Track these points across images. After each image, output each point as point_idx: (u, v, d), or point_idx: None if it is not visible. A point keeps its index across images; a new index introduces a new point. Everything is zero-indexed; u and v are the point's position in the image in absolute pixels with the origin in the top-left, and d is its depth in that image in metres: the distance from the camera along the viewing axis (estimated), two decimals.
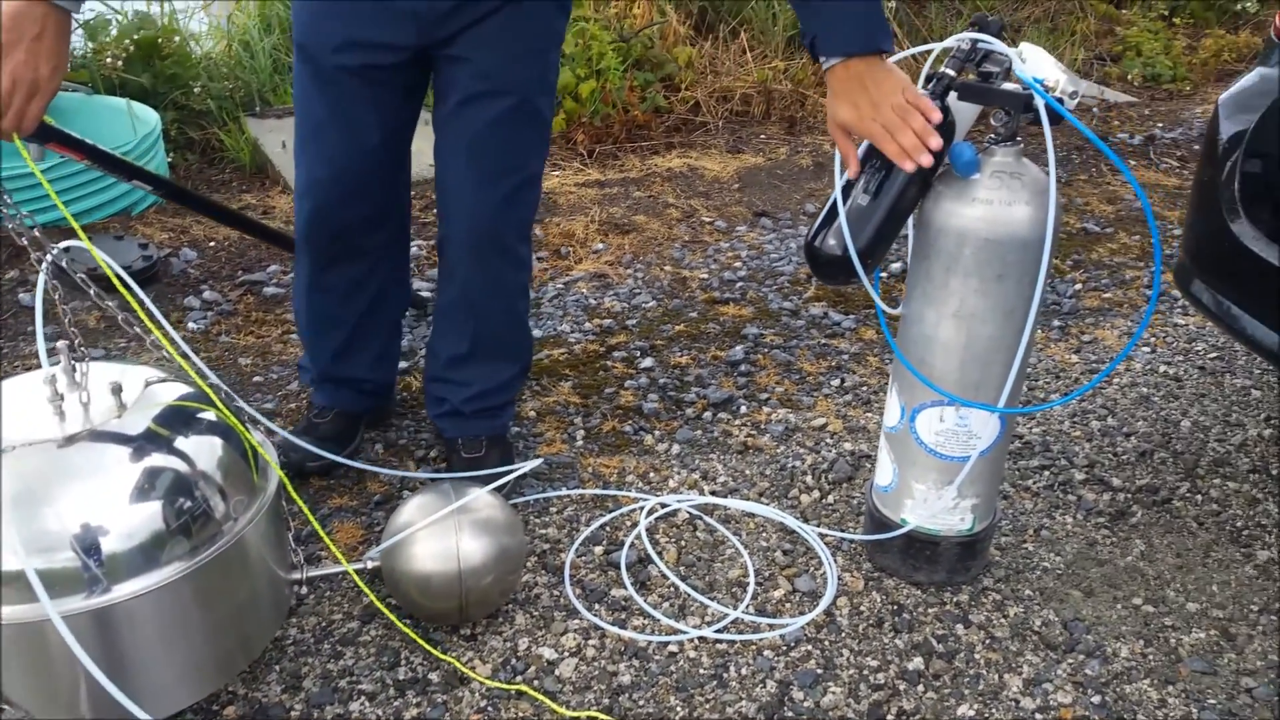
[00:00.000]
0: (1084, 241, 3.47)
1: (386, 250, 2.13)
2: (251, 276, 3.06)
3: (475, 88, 1.87)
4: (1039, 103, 1.49)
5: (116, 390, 1.53)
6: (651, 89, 4.28)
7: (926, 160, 1.53)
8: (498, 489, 1.82)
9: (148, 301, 1.62)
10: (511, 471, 1.90)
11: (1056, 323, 2.95)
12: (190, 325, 2.81)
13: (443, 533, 1.71)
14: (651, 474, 2.27)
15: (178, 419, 1.60)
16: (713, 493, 2.20)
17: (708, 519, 2.12)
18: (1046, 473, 2.29)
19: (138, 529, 1.46)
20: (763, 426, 2.44)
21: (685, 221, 3.55)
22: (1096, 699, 1.72)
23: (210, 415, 1.63)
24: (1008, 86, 1.54)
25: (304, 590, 1.88)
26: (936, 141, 1.54)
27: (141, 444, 1.53)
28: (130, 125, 3.44)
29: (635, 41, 4.29)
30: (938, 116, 1.54)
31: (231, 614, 1.59)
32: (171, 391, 1.63)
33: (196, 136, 3.88)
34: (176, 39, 4.04)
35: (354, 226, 2.02)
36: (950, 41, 1.59)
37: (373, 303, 2.15)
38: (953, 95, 1.59)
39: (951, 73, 1.57)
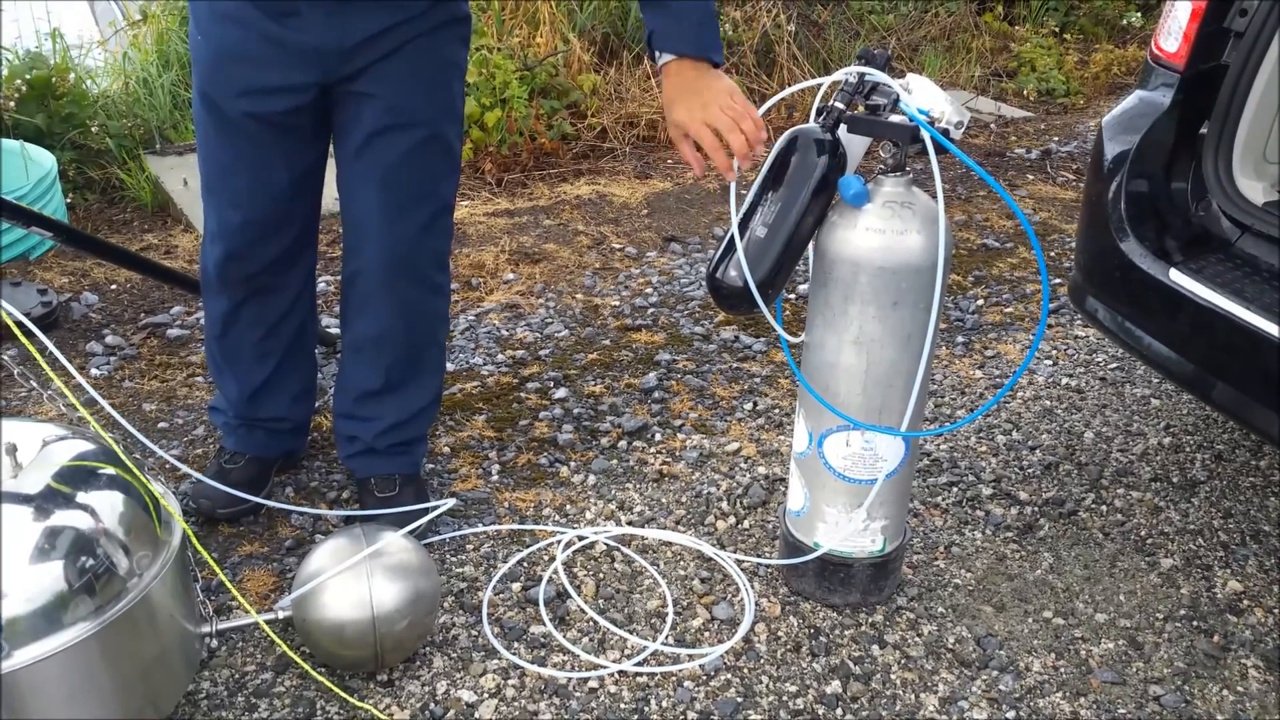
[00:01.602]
0: (984, 257, 3.56)
1: (303, 285, 2.12)
2: (155, 319, 2.98)
3: (383, 122, 1.87)
4: (925, 135, 1.53)
5: (11, 451, 1.50)
6: (558, 117, 4.29)
7: (745, 163, 1.64)
8: (411, 530, 1.80)
9: (54, 349, 1.57)
10: (426, 513, 1.88)
11: (960, 339, 3.02)
12: (93, 371, 2.74)
13: (354, 579, 1.68)
14: (568, 506, 2.26)
15: (76, 476, 1.55)
16: (629, 522, 2.21)
17: (625, 549, 2.12)
18: (955, 489, 2.34)
19: (38, 591, 1.42)
20: (678, 453, 2.46)
21: (595, 249, 3.56)
22: (1011, 714, 1.76)
23: (110, 469, 1.59)
24: (895, 118, 1.58)
25: (214, 643, 1.84)
26: (760, 143, 1.63)
27: (39, 503, 1.48)
28: (24, 168, 3.33)
29: (539, 70, 4.30)
30: (757, 117, 1.63)
31: (140, 672, 1.55)
32: (70, 448, 1.59)
33: (96, 176, 3.79)
34: (72, 77, 3.94)
35: (269, 267, 2.01)
36: (839, 75, 1.63)
37: (292, 338, 2.15)
38: (843, 127, 1.63)
39: (841, 105, 1.61)
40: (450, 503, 1.93)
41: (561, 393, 2.69)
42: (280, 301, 2.08)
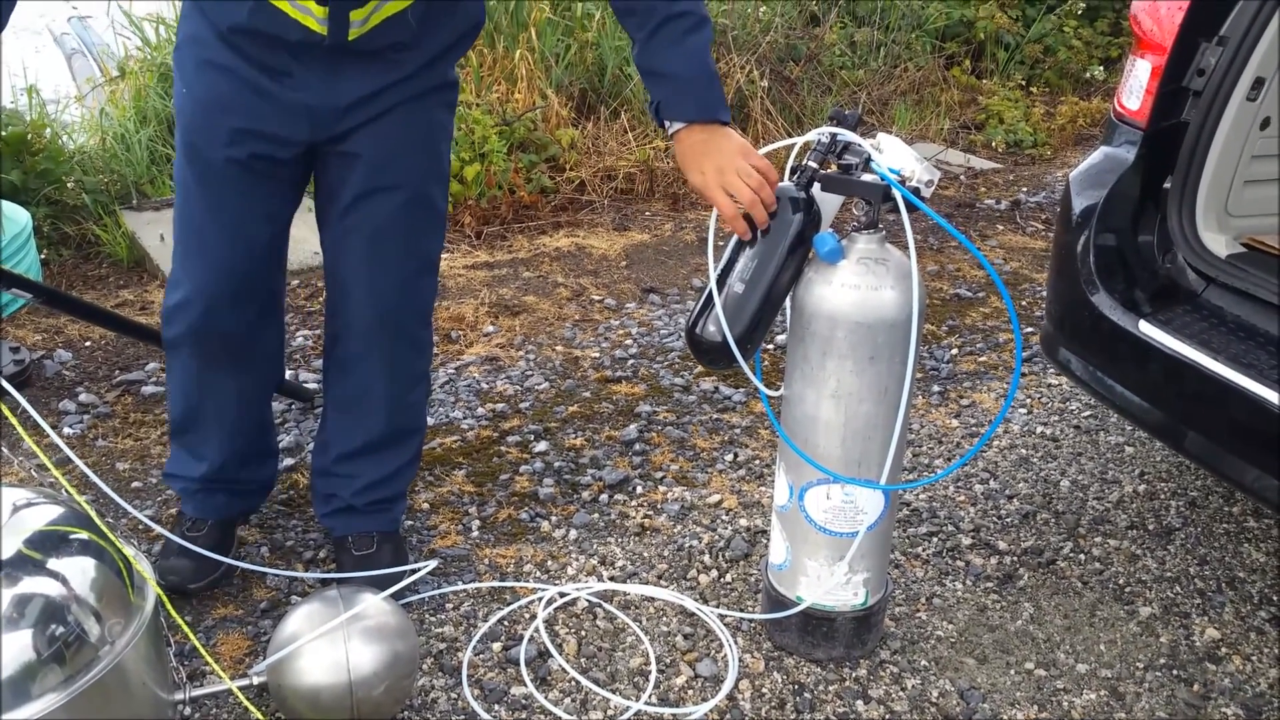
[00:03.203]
0: (958, 307, 3.60)
1: (274, 343, 2.12)
2: (129, 376, 2.96)
3: (372, 183, 1.89)
4: (896, 194, 1.56)
5: None
6: (536, 170, 4.33)
7: (762, 222, 1.66)
8: (391, 593, 1.79)
9: (29, 407, 1.55)
10: (405, 575, 1.86)
11: (936, 388, 3.04)
12: (66, 430, 2.71)
13: (331, 642, 1.66)
14: (549, 562, 2.25)
15: (48, 541, 1.53)
16: (611, 578, 2.20)
17: (607, 606, 2.11)
18: (935, 539, 2.35)
19: (6, 661, 1.39)
20: (659, 506, 2.45)
21: (575, 300, 3.57)
22: None
23: (83, 533, 1.57)
24: (866, 178, 1.61)
25: (188, 709, 1.81)
26: (771, 205, 1.65)
27: (9, 571, 1.46)
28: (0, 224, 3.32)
29: (518, 125, 4.35)
30: (774, 176, 1.65)
31: None
32: (42, 513, 1.57)
33: (71, 231, 3.78)
34: (48, 133, 3.94)
35: (243, 327, 2.00)
36: (811, 135, 1.66)
37: (264, 399, 2.13)
38: (816, 186, 1.65)
39: (814, 165, 1.64)
40: (431, 564, 1.92)
41: (542, 446, 2.68)
42: (254, 362, 2.07)
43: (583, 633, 2.04)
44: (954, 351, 3.26)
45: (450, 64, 1.92)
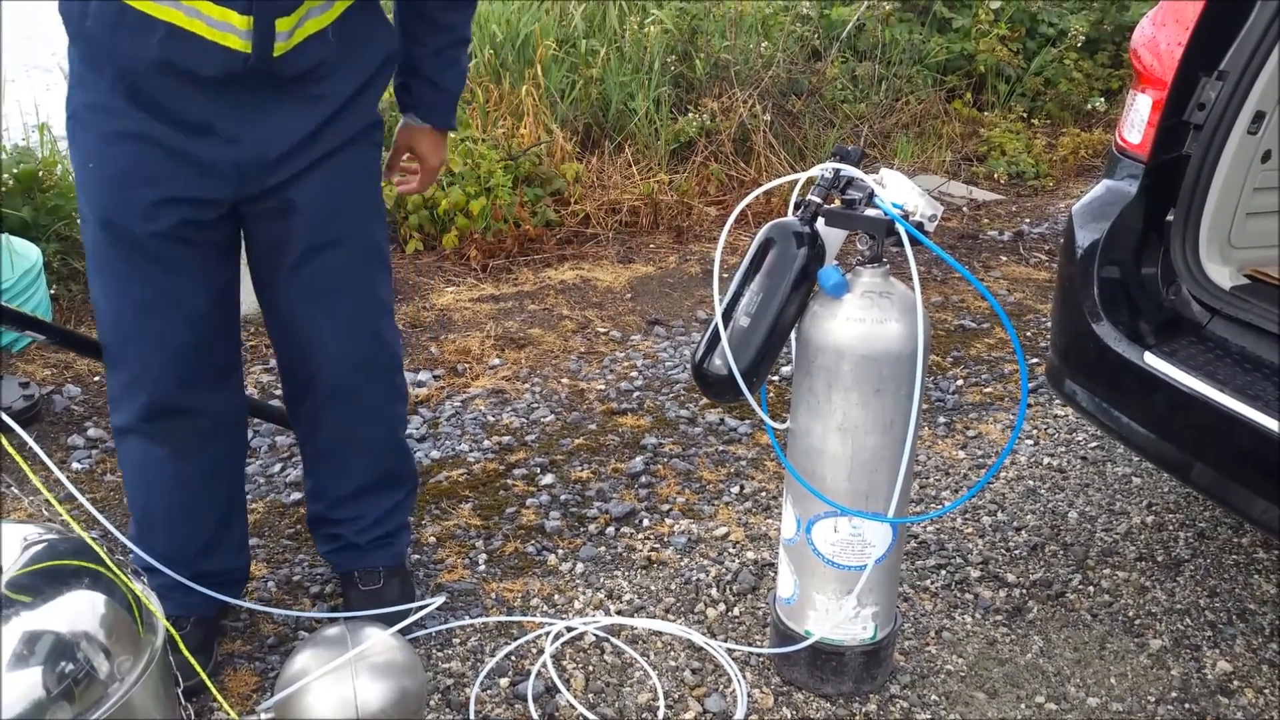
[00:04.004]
0: (962, 338, 3.61)
1: (234, 415, 2.00)
2: None
3: (318, 238, 1.82)
4: (900, 229, 1.57)
5: None
6: (541, 204, 4.36)
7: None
8: (398, 630, 1.78)
9: (34, 445, 1.56)
10: (411, 611, 1.86)
11: (942, 419, 3.04)
12: (74, 465, 2.72)
13: (338, 679, 1.66)
14: (556, 595, 2.25)
15: (57, 577, 1.53)
16: (619, 612, 2.19)
17: (615, 640, 2.10)
18: (943, 571, 2.34)
19: (15, 699, 1.39)
20: (666, 539, 2.45)
21: (580, 333, 3.59)
22: None
23: (91, 570, 1.57)
24: (870, 212, 1.62)
25: None
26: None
27: (18, 608, 1.46)
28: (9, 261, 3.35)
29: (523, 159, 4.38)
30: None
31: None
32: (51, 549, 1.57)
33: (81, 268, 3.80)
34: (59, 169, 3.98)
35: (200, 403, 1.88)
36: (815, 171, 1.67)
37: (234, 480, 2.03)
38: (820, 221, 1.67)
39: (818, 200, 1.65)
40: (438, 600, 1.92)
41: (548, 479, 2.68)
42: (216, 435, 1.94)
43: (590, 667, 2.03)
44: (959, 383, 3.27)
45: (374, 100, 1.85)
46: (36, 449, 1.55)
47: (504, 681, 1.99)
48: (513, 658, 2.05)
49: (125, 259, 1.74)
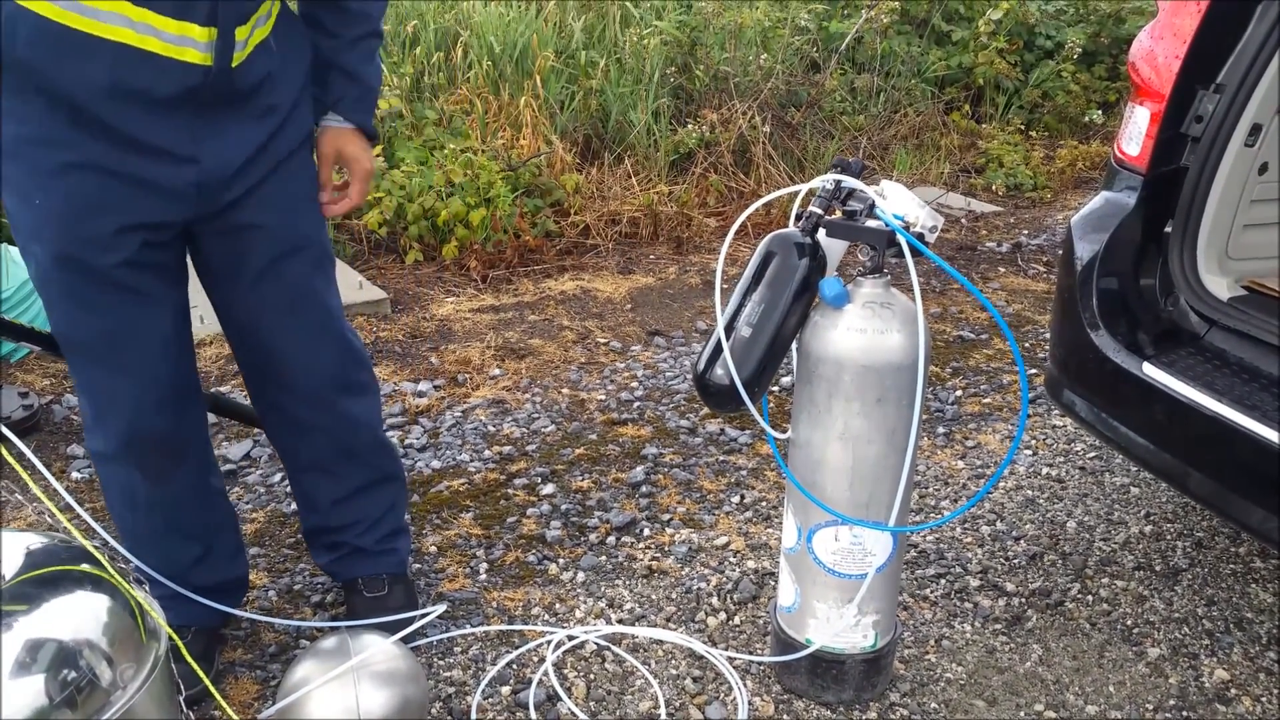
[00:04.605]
0: (961, 348, 3.62)
1: (203, 432, 1.99)
2: None
3: (279, 248, 1.82)
4: (901, 240, 1.59)
5: None
6: (541, 214, 4.38)
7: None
8: (400, 637, 1.79)
9: (32, 457, 1.57)
10: (413, 620, 1.86)
11: (941, 429, 3.05)
12: (74, 475, 2.72)
13: (340, 687, 1.66)
14: (557, 604, 2.25)
15: (59, 585, 1.53)
16: (620, 620, 2.20)
17: (616, 649, 2.11)
18: (943, 580, 2.35)
19: (18, 706, 1.39)
20: (666, 548, 2.46)
21: (581, 343, 3.60)
22: None
23: (94, 577, 1.57)
24: (871, 223, 1.63)
25: None
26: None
27: (20, 615, 1.46)
28: (7, 272, 3.36)
29: (523, 170, 4.40)
30: None
31: None
32: (52, 557, 1.57)
33: None
34: None
35: (176, 426, 1.87)
36: (816, 182, 1.69)
37: (211, 493, 2.01)
38: (821, 232, 1.68)
39: (819, 211, 1.67)
40: (439, 609, 1.92)
41: (549, 489, 2.69)
42: (193, 456, 1.93)
43: (591, 676, 2.04)
44: (958, 393, 3.28)
45: (309, 108, 1.85)
46: (34, 460, 1.56)
47: (505, 690, 1.99)
48: (514, 666, 2.06)
49: (91, 291, 1.69)
